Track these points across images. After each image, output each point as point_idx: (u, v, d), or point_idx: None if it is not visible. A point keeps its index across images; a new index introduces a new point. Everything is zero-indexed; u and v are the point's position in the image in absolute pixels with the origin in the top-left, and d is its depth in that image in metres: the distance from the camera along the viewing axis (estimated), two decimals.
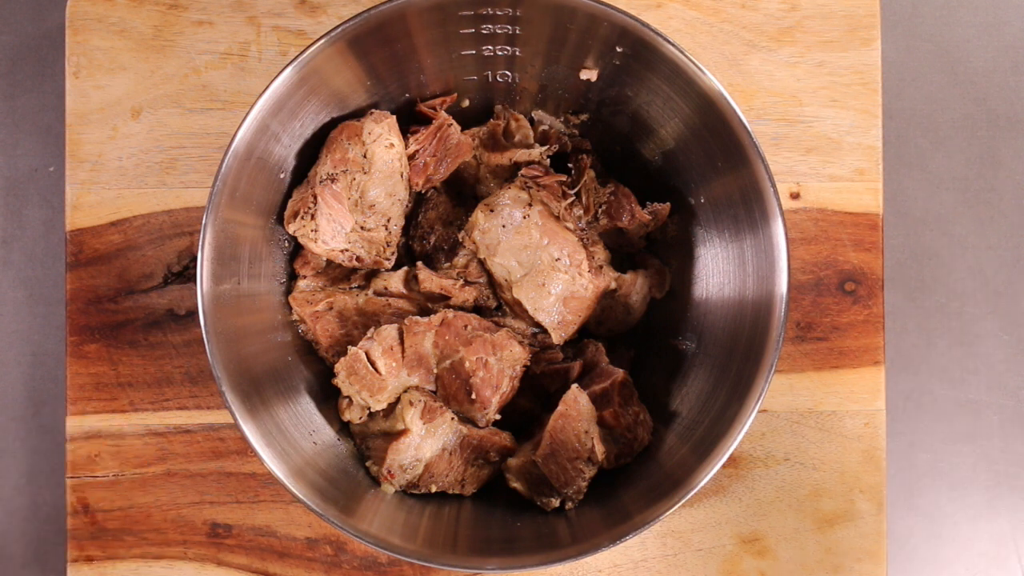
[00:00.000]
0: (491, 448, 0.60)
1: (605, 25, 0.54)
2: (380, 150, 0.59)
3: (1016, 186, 0.74)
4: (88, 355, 0.66)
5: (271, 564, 0.66)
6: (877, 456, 0.66)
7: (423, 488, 0.60)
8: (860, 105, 0.68)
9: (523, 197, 0.61)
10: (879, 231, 0.67)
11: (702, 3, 0.68)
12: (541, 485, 0.59)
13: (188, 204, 0.67)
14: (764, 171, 0.54)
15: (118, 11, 0.67)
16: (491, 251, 0.61)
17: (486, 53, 0.59)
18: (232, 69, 0.67)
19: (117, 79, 0.67)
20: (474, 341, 0.59)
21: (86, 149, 0.67)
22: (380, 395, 0.59)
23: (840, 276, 0.67)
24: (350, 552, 0.66)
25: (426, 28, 0.56)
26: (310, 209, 0.59)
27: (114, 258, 0.67)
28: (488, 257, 0.61)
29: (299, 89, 0.55)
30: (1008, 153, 0.73)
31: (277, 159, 0.58)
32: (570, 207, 0.62)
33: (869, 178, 0.67)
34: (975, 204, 0.73)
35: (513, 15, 0.56)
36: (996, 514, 0.73)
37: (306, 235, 0.60)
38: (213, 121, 0.67)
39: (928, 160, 0.73)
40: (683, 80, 0.55)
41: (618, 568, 0.67)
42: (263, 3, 0.67)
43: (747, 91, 0.68)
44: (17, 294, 0.72)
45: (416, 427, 0.59)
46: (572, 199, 0.62)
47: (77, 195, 0.67)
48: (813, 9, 0.68)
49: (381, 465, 0.59)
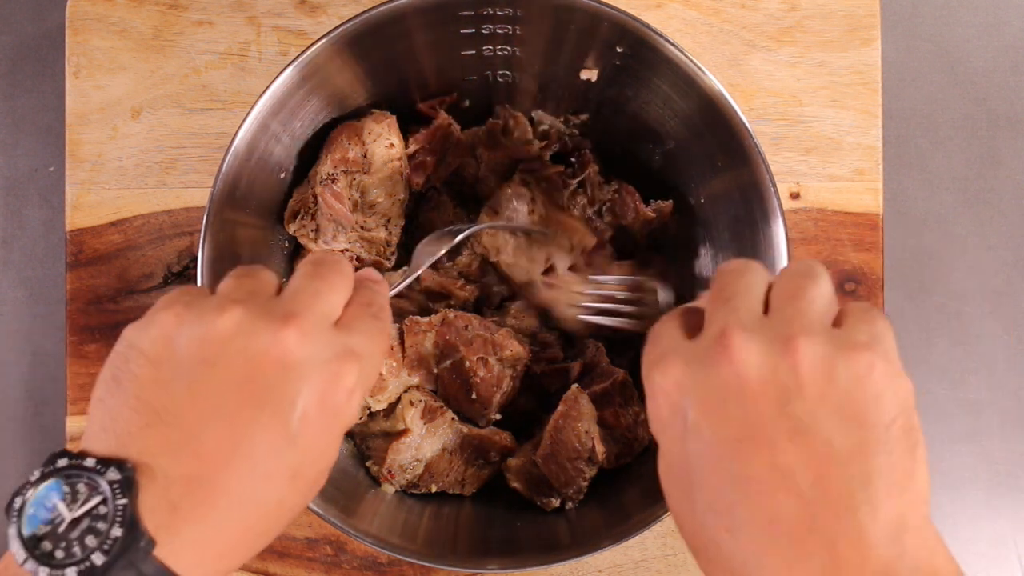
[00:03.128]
0: (491, 448, 0.60)
1: (605, 25, 0.54)
2: (380, 150, 0.59)
3: (1016, 186, 0.74)
4: (88, 355, 0.66)
5: (271, 564, 0.66)
6: None
7: (423, 488, 0.60)
8: (860, 105, 0.68)
9: (524, 192, 0.61)
10: (879, 231, 0.67)
11: (702, 3, 0.68)
12: (541, 485, 0.59)
13: (188, 204, 0.67)
14: (764, 171, 0.54)
15: (118, 11, 0.67)
16: (500, 251, 0.61)
17: (486, 53, 0.59)
18: (232, 69, 0.67)
19: (117, 79, 0.67)
20: (475, 341, 0.59)
21: (86, 149, 0.67)
22: (380, 395, 0.59)
23: (840, 276, 0.67)
24: (350, 552, 0.66)
25: (426, 28, 0.56)
26: (310, 209, 0.59)
27: (114, 258, 0.67)
28: (498, 258, 0.61)
29: (299, 89, 0.55)
30: (1008, 153, 0.73)
31: (277, 159, 0.58)
32: (574, 195, 0.62)
33: (869, 178, 0.67)
34: (975, 204, 0.73)
35: (513, 15, 0.56)
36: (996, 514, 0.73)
37: (306, 235, 0.60)
38: (213, 121, 0.67)
39: (928, 160, 0.73)
40: (683, 80, 0.55)
41: (618, 568, 0.67)
42: (263, 3, 0.67)
43: (747, 91, 0.68)
44: (17, 294, 0.72)
45: (416, 427, 0.59)
46: (574, 187, 0.62)
47: (77, 195, 0.67)
48: (813, 9, 0.68)
49: (381, 465, 0.59)
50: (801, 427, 0.35)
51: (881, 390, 0.36)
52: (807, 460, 0.35)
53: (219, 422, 0.37)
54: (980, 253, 0.73)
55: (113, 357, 0.39)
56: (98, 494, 0.35)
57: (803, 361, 0.36)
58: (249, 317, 0.38)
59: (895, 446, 0.35)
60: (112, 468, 0.35)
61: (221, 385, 0.37)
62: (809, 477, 0.34)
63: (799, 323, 0.37)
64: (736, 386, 0.36)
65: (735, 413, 0.36)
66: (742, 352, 0.36)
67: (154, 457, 0.36)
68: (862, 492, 0.34)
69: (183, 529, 0.36)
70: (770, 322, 0.38)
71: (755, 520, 0.35)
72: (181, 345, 0.38)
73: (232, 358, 0.38)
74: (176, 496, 0.36)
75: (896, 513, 0.34)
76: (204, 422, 0.37)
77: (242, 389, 0.37)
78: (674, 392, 0.38)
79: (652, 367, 0.39)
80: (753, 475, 0.35)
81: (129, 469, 0.35)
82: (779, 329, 0.37)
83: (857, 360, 0.36)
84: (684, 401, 0.37)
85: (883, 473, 0.35)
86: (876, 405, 0.36)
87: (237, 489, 0.37)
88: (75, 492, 0.35)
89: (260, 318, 0.38)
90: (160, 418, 0.37)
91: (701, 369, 0.37)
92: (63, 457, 0.36)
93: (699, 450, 0.37)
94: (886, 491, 0.34)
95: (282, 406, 0.38)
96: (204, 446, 0.36)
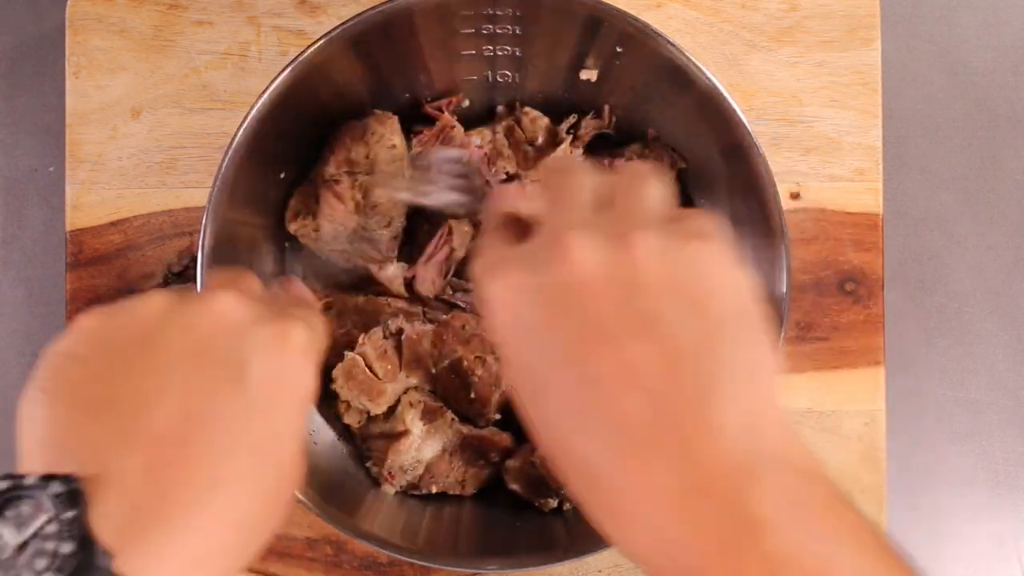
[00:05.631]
0: (491, 448, 0.60)
1: (605, 25, 0.54)
2: (383, 151, 0.59)
3: (1016, 186, 0.73)
4: None
5: (271, 564, 0.66)
6: (877, 456, 0.66)
7: (424, 489, 0.60)
8: (860, 105, 0.68)
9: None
10: (879, 231, 0.67)
11: (702, 3, 0.68)
12: (540, 486, 0.59)
13: (188, 204, 0.67)
14: (764, 171, 0.54)
15: (118, 11, 0.67)
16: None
17: (486, 53, 0.59)
18: (232, 69, 0.67)
19: (117, 79, 0.67)
20: (472, 340, 0.59)
21: (86, 149, 0.67)
22: (379, 399, 0.59)
23: (840, 276, 0.67)
24: (350, 552, 0.66)
25: (427, 28, 0.56)
26: (311, 209, 0.59)
27: (114, 258, 0.67)
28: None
29: (299, 89, 0.55)
30: (1008, 153, 0.73)
31: (277, 159, 0.58)
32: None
33: (869, 178, 0.67)
34: (975, 204, 0.73)
35: (514, 15, 0.56)
36: (996, 514, 0.73)
37: (307, 235, 0.59)
38: (213, 121, 0.67)
39: (928, 160, 0.73)
40: (683, 80, 0.55)
41: (619, 568, 0.67)
42: (263, 3, 0.67)
43: (747, 91, 0.68)
44: (17, 294, 0.71)
45: (416, 428, 0.59)
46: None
47: (77, 195, 0.67)
48: (813, 9, 0.68)
49: (382, 466, 0.59)
50: (645, 322, 0.34)
51: (721, 280, 0.35)
52: (653, 356, 0.33)
53: (169, 398, 0.34)
54: (980, 253, 0.73)
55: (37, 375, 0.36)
56: (43, 512, 0.31)
57: (640, 255, 0.35)
58: (175, 297, 0.37)
59: (740, 336, 0.34)
60: (55, 482, 0.32)
61: (163, 361, 0.35)
62: (657, 373, 0.33)
63: (633, 219, 0.36)
64: (576, 285, 0.35)
65: (577, 314, 0.35)
66: (579, 251, 0.35)
67: (105, 456, 0.33)
68: (711, 385, 0.33)
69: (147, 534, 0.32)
70: (604, 220, 0.36)
71: (606, 421, 0.34)
72: (110, 336, 0.36)
73: (168, 332, 0.36)
74: (136, 494, 0.32)
75: (747, 405, 0.33)
76: (152, 402, 0.34)
77: (186, 360, 0.35)
78: (512, 299, 0.36)
79: (486, 276, 0.37)
80: (600, 375, 0.34)
81: (73, 479, 0.32)
82: (614, 226, 0.36)
83: (694, 250, 0.35)
84: (523, 307, 0.36)
85: (730, 365, 0.34)
86: (719, 295, 0.35)
87: (201, 470, 0.34)
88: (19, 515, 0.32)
89: (185, 296, 0.37)
90: (103, 411, 0.34)
91: (538, 272, 0.36)
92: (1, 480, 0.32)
93: (544, 355, 0.35)
94: (734, 383, 0.33)
95: (233, 369, 0.36)
96: (156, 426, 0.33)
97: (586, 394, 0.34)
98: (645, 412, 0.33)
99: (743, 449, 0.33)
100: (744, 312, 0.35)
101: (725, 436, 0.33)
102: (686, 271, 0.35)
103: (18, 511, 0.32)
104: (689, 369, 0.33)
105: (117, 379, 0.35)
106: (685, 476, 0.33)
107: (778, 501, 0.32)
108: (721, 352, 0.34)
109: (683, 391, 0.33)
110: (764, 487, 0.32)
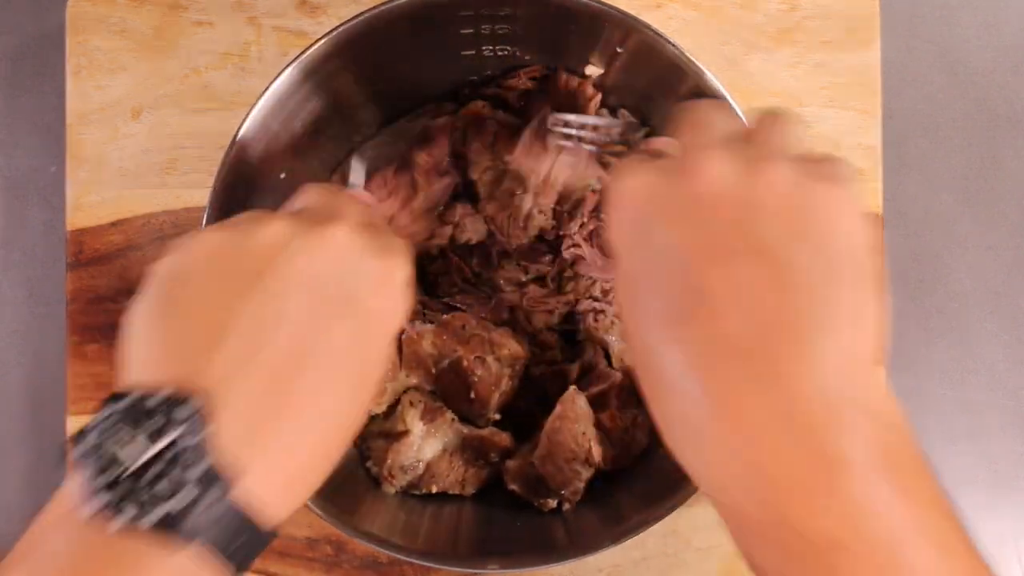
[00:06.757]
0: (491, 449, 0.60)
1: (605, 26, 0.54)
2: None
3: (1016, 186, 0.73)
4: (88, 355, 0.66)
5: (271, 564, 0.66)
6: None
7: (424, 488, 0.60)
8: (860, 105, 0.68)
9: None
10: (879, 231, 0.67)
11: (702, 3, 0.68)
12: (539, 486, 0.59)
13: (188, 204, 0.67)
14: None
15: (118, 11, 0.67)
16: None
17: (486, 53, 0.59)
18: (232, 69, 0.67)
19: (117, 79, 0.67)
20: (472, 340, 0.59)
21: (86, 149, 0.67)
22: (380, 399, 0.59)
23: None
24: (350, 552, 0.66)
25: (426, 28, 0.56)
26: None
27: (115, 258, 0.67)
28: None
29: (299, 89, 0.55)
30: (1008, 153, 0.73)
31: (277, 159, 0.58)
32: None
33: (869, 178, 0.67)
34: (975, 204, 0.73)
35: (513, 15, 0.56)
36: (996, 514, 0.73)
37: None
38: (213, 121, 0.67)
39: (928, 160, 0.73)
40: (684, 81, 0.55)
41: (619, 568, 0.67)
42: (263, 3, 0.67)
43: (747, 91, 0.68)
44: (17, 294, 0.72)
45: (417, 428, 0.59)
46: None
47: (77, 195, 0.67)
48: (813, 9, 0.68)
49: (382, 466, 0.59)
50: (764, 246, 0.34)
51: (844, 225, 0.35)
52: (764, 280, 0.33)
53: (285, 328, 0.35)
54: (980, 253, 0.73)
55: (147, 292, 0.37)
56: (168, 433, 0.32)
57: (776, 182, 0.35)
58: (293, 225, 0.38)
59: (852, 281, 0.34)
60: (181, 403, 0.32)
61: (280, 288, 0.36)
62: (764, 297, 0.33)
63: (771, 149, 0.37)
64: (704, 196, 0.35)
65: (698, 224, 0.35)
66: (715, 165, 0.35)
67: (225, 380, 0.34)
68: (814, 320, 0.33)
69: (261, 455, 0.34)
70: (745, 146, 0.37)
71: (703, 335, 0.34)
72: (226, 257, 0.37)
73: (287, 262, 0.36)
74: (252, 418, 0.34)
75: (848, 348, 0.33)
76: (270, 329, 0.35)
77: (302, 291, 0.36)
78: (640, 196, 0.37)
79: (623, 171, 0.38)
80: (708, 288, 0.34)
81: (200, 401, 0.33)
82: (754, 151, 0.36)
83: (825, 190, 0.35)
84: (649, 207, 0.36)
85: (836, 304, 0.34)
86: (839, 238, 0.35)
87: (309, 399, 0.35)
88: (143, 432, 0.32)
89: (303, 224, 0.38)
90: (219, 334, 0.34)
91: (670, 178, 0.36)
92: (123, 397, 0.33)
93: (656, 259, 0.36)
94: (838, 324, 0.33)
95: (345, 305, 0.37)
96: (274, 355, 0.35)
97: (689, 304, 0.34)
98: (745, 334, 0.33)
99: (836, 389, 0.33)
100: (860, 260, 0.35)
101: (821, 373, 0.33)
102: (812, 208, 0.35)
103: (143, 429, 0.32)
104: (796, 300, 0.33)
105: (233, 303, 0.35)
106: (775, 404, 0.32)
107: (868, 449, 0.32)
108: (830, 291, 0.34)
109: (786, 320, 0.33)
110: (854, 432, 0.32)
